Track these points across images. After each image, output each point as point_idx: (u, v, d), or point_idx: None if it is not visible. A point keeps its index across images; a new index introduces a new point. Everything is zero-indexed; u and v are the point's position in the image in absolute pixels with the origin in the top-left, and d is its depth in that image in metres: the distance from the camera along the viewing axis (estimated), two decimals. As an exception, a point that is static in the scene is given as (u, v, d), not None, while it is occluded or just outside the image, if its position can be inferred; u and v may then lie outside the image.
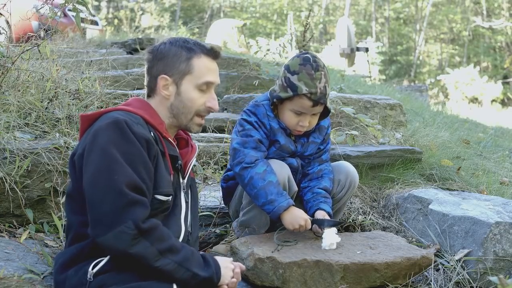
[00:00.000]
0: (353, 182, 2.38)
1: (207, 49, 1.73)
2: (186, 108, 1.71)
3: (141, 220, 1.44)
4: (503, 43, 27.74)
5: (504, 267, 2.26)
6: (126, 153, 1.50)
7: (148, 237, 1.45)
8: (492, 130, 6.96)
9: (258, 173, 2.12)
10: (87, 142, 1.54)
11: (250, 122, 2.25)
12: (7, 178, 2.13)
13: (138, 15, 22.43)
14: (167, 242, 1.49)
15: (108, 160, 1.47)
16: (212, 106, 1.74)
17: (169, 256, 1.48)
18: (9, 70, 2.67)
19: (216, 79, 1.75)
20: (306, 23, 5.64)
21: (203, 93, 1.72)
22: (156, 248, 1.46)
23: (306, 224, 2.16)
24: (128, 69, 5.27)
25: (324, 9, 28.99)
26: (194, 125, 1.75)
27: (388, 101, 4.23)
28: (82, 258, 1.52)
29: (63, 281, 1.53)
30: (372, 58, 19.78)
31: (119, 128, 1.52)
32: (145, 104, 1.72)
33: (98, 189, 1.46)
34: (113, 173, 1.46)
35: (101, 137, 1.51)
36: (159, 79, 1.70)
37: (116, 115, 1.55)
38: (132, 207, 1.44)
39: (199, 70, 1.70)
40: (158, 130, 1.66)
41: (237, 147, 2.21)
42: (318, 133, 2.39)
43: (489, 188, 3.21)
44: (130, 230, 1.42)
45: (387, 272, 2.09)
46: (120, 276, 1.48)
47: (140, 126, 1.58)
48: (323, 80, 2.17)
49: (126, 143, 1.51)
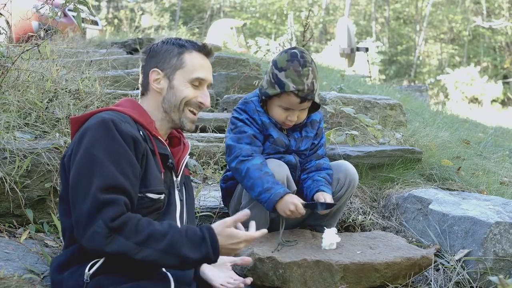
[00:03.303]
0: (353, 181, 2.38)
1: (198, 45, 1.75)
2: (177, 100, 1.70)
3: (111, 218, 1.42)
4: (503, 43, 27.73)
5: (504, 267, 2.26)
6: (110, 151, 1.50)
7: (121, 232, 1.43)
8: (492, 130, 6.95)
9: (254, 164, 2.14)
10: (74, 144, 1.56)
11: (241, 120, 2.27)
12: (7, 178, 2.13)
13: (138, 15, 22.43)
14: (144, 232, 1.45)
15: (90, 162, 1.48)
16: (203, 102, 1.73)
17: (151, 245, 1.44)
18: (9, 70, 2.67)
19: (208, 76, 1.74)
20: (306, 23, 5.63)
21: (196, 88, 1.72)
22: (133, 241, 1.43)
23: (298, 208, 2.11)
24: (128, 69, 5.27)
25: (324, 9, 28.98)
26: (187, 121, 1.74)
27: (388, 101, 4.23)
28: (77, 260, 1.52)
29: (59, 283, 1.53)
30: (372, 58, 19.78)
31: (105, 127, 1.53)
32: (134, 103, 1.73)
33: (77, 192, 1.47)
34: (92, 175, 1.46)
35: (86, 138, 1.52)
36: (151, 73, 1.72)
37: (103, 115, 1.57)
38: (104, 208, 1.43)
39: (191, 65, 1.71)
40: (147, 129, 1.66)
41: (232, 144, 2.22)
42: (311, 127, 2.39)
43: (489, 188, 3.21)
44: (101, 229, 1.42)
45: (387, 272, 2.09)
46: (117, 277, 1.48)
47: (128, 125, 1.58)
48: (311, 76, 2.17)
49: (111, 141, 1.51)
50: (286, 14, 25.92)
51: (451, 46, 29.21)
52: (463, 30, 27.98)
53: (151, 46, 1.77)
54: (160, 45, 1.75)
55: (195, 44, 1.75)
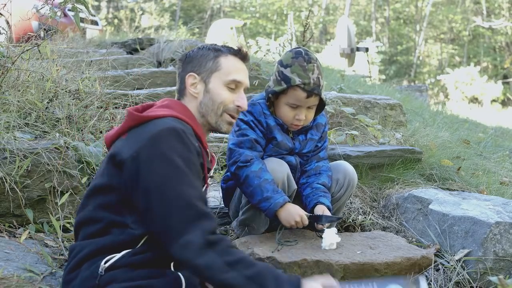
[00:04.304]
0: (352, 181, 2.38)
1: (234, 49, 1.76)
2: (215, 105, 1.70)
3: (209, 231, 1.42)
4: (503, 43, 27.73)
5: (504, 267, 2.26)
6: (189, 162, 1.49)
7: (216, 248, 1.41)
8: (492, 130, 6.96)
9: (253, 171, 2.13)
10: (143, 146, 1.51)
11: (246, 122, 2.26)
12: (7, 178, 2.13)
13: (138, 15, 22.44)
14: (236, 255, 1.43)
15: (174, 169, 1.46)
16: (241, 105, 1.73)
17: (239, 269, 1.41)
18: (9, 70, 2.67)
19: (244, 79, 1.75)
20: (306, 23, 5.64)
21: (232, 91, 1.73)
22: (224, 260, 1.41)
23: (302, 220, 2.15)
24: (128, 69, 5.27)
25: (324, 9, 28.99)
26: (224, 123, 1.73)
27: (388, 101, 4.24)
28: (99, 253, 1.51)
29: (76, 274, 1.52)
30: (372, 58, 19.78)
31: (180, 137, 1.51)
32: (188, 111, 1.70)
33: (166, 200, 1.45)
34: (180, 182, 1.45)
35: (163, 144, 1.49)
36: (187, 78, 1.73)
37: (172, 123, 1.55)
38: (200, 218, 1.43)
39: (227, 67, 1.72)
40: (202, 142, 1.66)
41: (232, 147, 2.22)
42: (316, 130, 2.40)
43: (489, 188, 3.21)
44: (197, 240, 1.40)
45: (387, 272, 2.09)
46: (131, 273, 1.47)
47: (193, 138, 1.58)
48: (316, 72, 2.18)
49: (188, 152, 1.51)
50: (286, 14, 25.92)
51: (451, 46, 29.22)
52: (463, 30, 27.99)
53: (187, 53, 1.79)
54: (196, 51, 1.76)
55: (230, 48, 1.76)
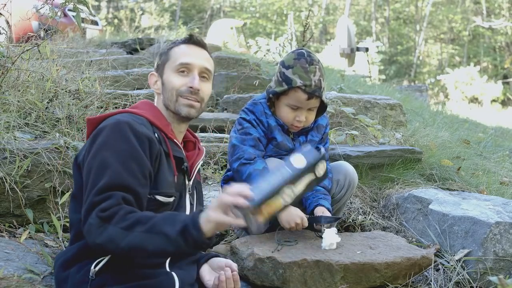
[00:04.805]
0: (352, 182, 2.38)
1: (186, 38, 1.76)
2: (169, 92, 1.70)
3: (102, 209, 1.41)
4: (503, 43, 27.72)
5: (504, 267, 2.26)
6: (119, 151, 1.50)
7: (111, 221, 1.40)
8: (492, 130, 6.96)
9: (256, 170, 2.13)
10: (88, 145, 1.57)
11: (248, 121, 2.26)
12: (7, 178, 2.13)
13: (138, 15, 22.40)
14: (132, 218, 1.39)
15: (98, 164, 1.49)
16: (193, 85, 1.69)
17: (136, 229, 1.37)
18: (9, 70, 2.67)
19: (193, 60, 1.70)
20: (306, 23, 5.64)
21: (185, 75, 1.70)
22: (121, 227, 1.38)
23: (303, 222, 2.16)
24: (128, 69, 5.27)
25: (324, 9, 28.98)
26: (182, 107, 1.70)
27: (388, 101, 4.23)
28: (83, 256, 1.52)
29: (65, 279, 1.53)
30: (372, 58, 19.78)
31: (118, 129, 1.53)
32: (151, 106, 1.74)
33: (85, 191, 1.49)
34: (99, 177, 1.47)
35: (99, 139, 1.53)
36: (149, 78, 1.77)
37: (119, 117, 1.58)
38: (100, 202, 1.43)
39: (175, 55, 1.73)
40: (163, 131, 1.66)
41: (236, 144, 2.23)
42: (317, 132, 2.40)
43: (489, 188, 3.21)
44: (93, 220, 1.40)
45: (387, 272, 2.09)
46: (122, 275, 1.48)
47: (143, 127, 1.59)
48: (318, 74, 2.18)
49: (121, 142, 1.51)
50: (286, 14, 25.91)
51: (451, 46, 29.21)
52: (463, 30, 27.98)
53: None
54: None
55: (184, 39, 1.77)
